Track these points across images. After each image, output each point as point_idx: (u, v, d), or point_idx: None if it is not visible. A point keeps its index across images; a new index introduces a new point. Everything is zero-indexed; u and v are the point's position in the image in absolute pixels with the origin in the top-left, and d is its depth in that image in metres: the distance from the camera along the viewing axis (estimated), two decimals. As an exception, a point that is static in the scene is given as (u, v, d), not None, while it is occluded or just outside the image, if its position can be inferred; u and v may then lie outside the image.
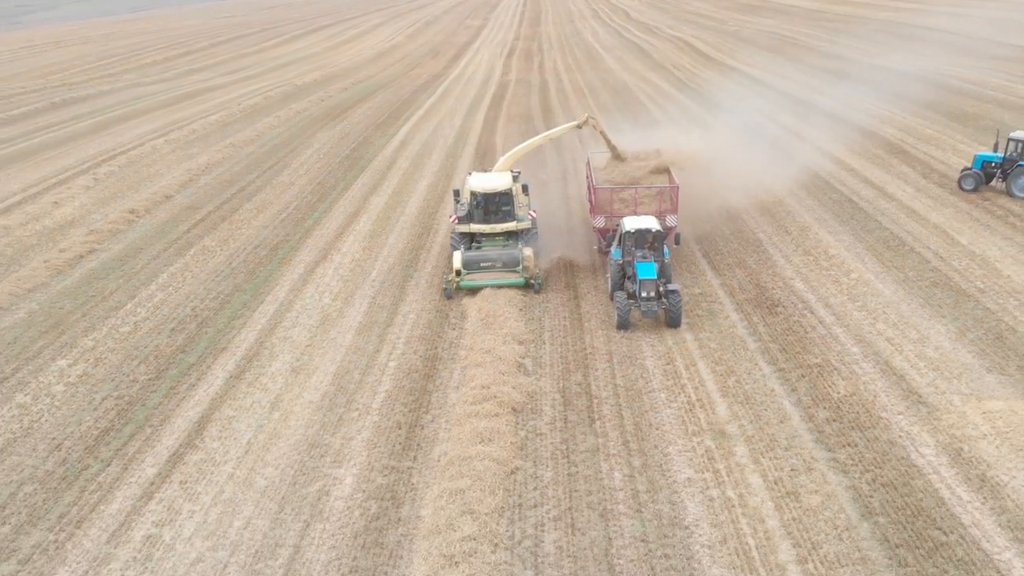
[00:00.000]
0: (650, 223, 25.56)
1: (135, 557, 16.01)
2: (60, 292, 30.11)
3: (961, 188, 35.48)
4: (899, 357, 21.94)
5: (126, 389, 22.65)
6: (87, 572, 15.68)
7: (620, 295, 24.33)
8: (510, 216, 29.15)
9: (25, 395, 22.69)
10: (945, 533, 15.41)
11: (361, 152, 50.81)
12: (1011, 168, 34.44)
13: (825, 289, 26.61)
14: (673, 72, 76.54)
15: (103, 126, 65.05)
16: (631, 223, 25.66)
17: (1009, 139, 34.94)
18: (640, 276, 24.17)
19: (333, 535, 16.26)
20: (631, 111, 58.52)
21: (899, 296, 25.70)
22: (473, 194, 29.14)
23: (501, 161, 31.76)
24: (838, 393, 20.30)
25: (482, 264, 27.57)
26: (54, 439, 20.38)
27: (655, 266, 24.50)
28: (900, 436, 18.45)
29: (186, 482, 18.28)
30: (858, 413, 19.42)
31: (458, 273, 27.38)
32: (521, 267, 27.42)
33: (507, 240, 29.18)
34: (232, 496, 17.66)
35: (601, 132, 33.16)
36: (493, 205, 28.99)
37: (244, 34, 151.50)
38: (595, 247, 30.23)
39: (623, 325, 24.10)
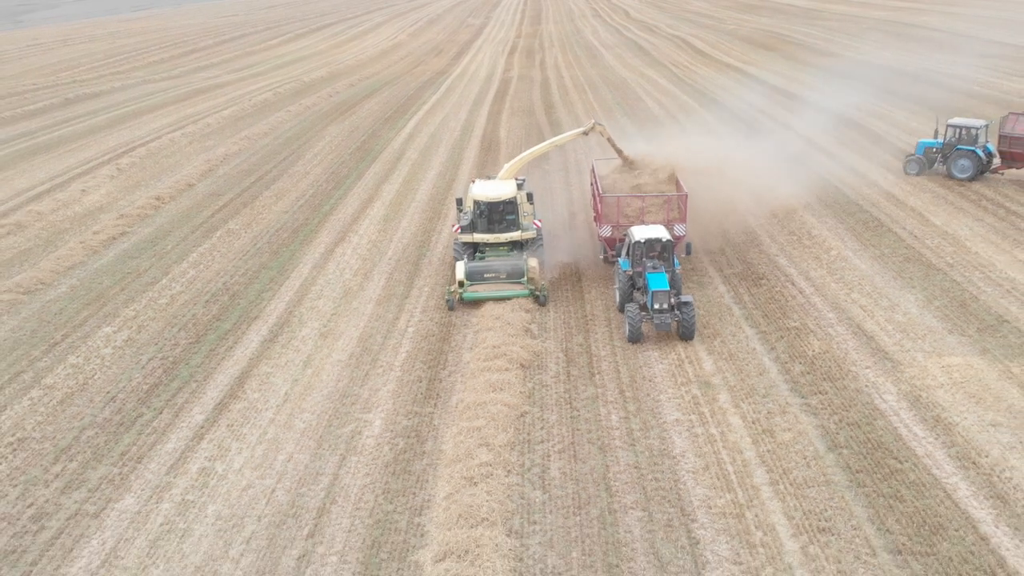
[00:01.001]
0: (660, 232, 24.85)
1: (192, 484, 18.32)
2: (97, 270, 32.39)
3: (906, 172, 38.40)
4: (870, 321, 24.27)
5: (169, 351, 24.96)
6: (151, 497, 17.98)
7: (631, 307, 23.62)
8: (514, 225, 28.42)
9: (77, 357, 24.99)
10: (900, 462, 17.72)
11: (371, 144, 53.08)
12: (950, 152, 37.37)
13: (806, 264, 28.93)
14: (671, 69, 78.82)
15: (119, 120, 67.27)
16: (640, 233, 24.94)
17: (948, 125, 37.88)
18: (652, 288, 23.42)
19: (367, 465, 18.58)
20: (630, 106, 60.85)
21: (874, 270, 28.02)
22: (476, 203, 28.41)
23: (505, 168, 30.90)
24: (813, 351, 22.62)
25: (486, 275, 26.88)
26: (108, 392, 22.69)
27: (667, 277, 23.85)
28: (866, 385, 20.78)
29: (232, 425, 20.60)
30: (830, 367, 21.75)
31: (461, 284, 26.70)
32: (526, 278, 26.70)
33: (511, 250, 28.43)
34: (275, 436, 19.98)
35: (608, 139, 32.34)
36: (497, 214, 28.30)
37: (248, 33, 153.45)
38: (601, 257, 29.30)
39: (635, 338, 23.41)
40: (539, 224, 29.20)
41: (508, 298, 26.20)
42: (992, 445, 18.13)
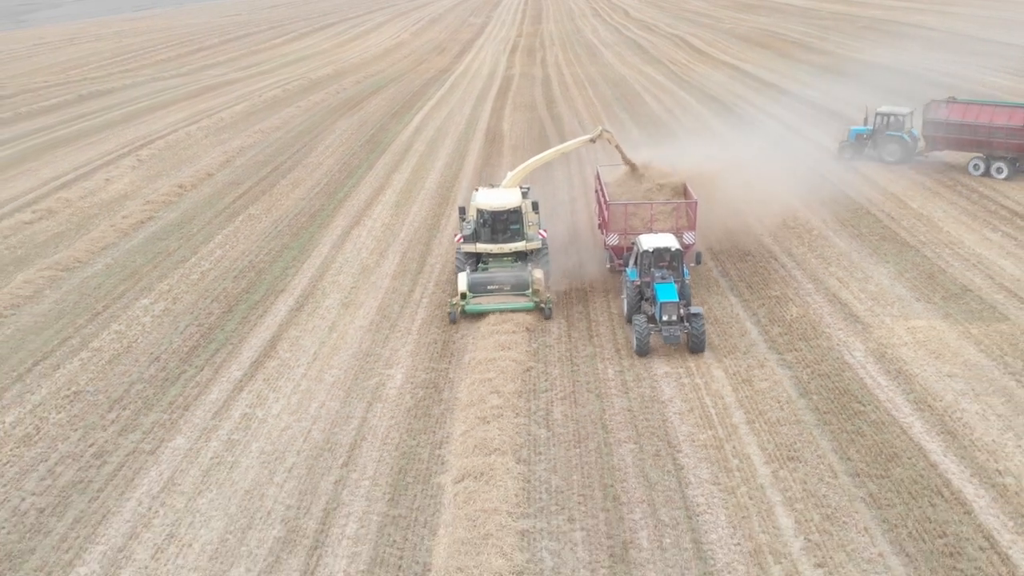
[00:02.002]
0: (669, 241, 24.23)
1: (236, 427, 20.64)
2: (129, 250, 34.69)
3: (843, 157, 41.43)
4: (845, 291, 26.60)
5: (204, 319, 27.27)
6: (200, 437, 20.29)
7: (639, 319, 22.87)
8: (519, 235, 27.55)
9: (119, 324, 27.30)
10: (863, 405, 20.06)
11: (380, 137, 55.37)
12: (880, 137, 40.50)
13: (789, 243, 31.25)
14: (668, 66, 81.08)
15: (134, 115, 69.52)
16: (648, 241, 24.27)
17: (877, 113, 40.98)
18: (660, 299, 22.71)
19: (391, 410, 20.92)
20: (628, 102, 63.11)
21: (852, 247, 30.35)
22: (479, 212, 27.57)
23: (510, 176, 30.00)
24: (791, 315, 24.96)
25: (489, 287, 26.08)
26: (152, 353, 25.00)
27: (676, 287, 23.21)
28: (837, 344, 23.12)
29: (268, 379, 22.92)
30: (805, 329, 24.09)
31: (463, 296, 25.82)
32: (531, 290, 25.85)
33: (515, 261, 27.60)
34: (308, 388, 22.31)
35: (616, 146, 31.05)
36: (501, 224, 27.44)
37: (252, 32, 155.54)
38: (608, 266, 28.66)
39: (643, 351, 22.65)
40: (544, 234, 28.33)
41: (512, 311, 25.57)
42: (947, 392, 20.45)
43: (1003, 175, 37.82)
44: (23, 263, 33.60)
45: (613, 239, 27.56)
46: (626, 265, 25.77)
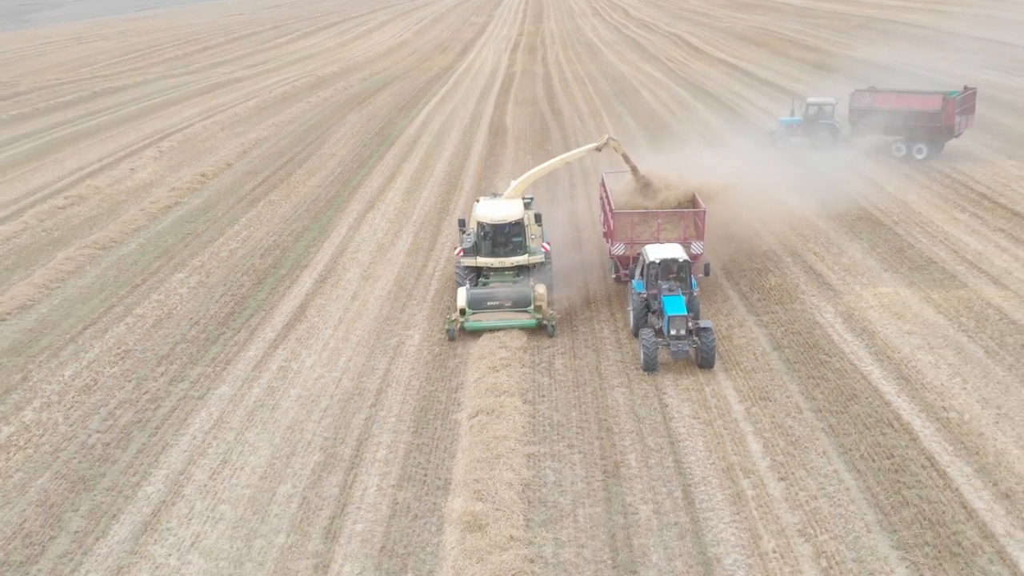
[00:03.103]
0: (676, 252, 23.56)
1: (274, 376, 23.25)
2: (160, 231, 37.29)
3: (774, 145, 44.43)
4: (820, 263, 29.20)
5: (237, 290, 29.87)
6: (242, 385, 22.89)
7: (646, 332, 22.20)
8: (521, 249, 26.61)
9: (158, 295, 29.90)
10: (829, 356, 22.67)
11: (388, 130, 57.95)
12: (811, 126, 43.80)
13: (773, 223, 33.77)
14: (666, 63, 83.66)
15: (149, 111, 72.09)
16: (655, 252, 23.62)
17: (807, 103, 44.34)
18: (668, 312, 21.98)
19: (411, 363, 23.55)
20: (627, 97, 65.69)
21: (830, 226, 32.93)
22: (480, 224, 26.61)
23: (513, 187, 29.10)
24: (769, 284, 27.56)
25: (489, 303, 24.99)
26: (191, 319, 27.61)
27: (684, 300, 22.57)
28: (810, 307, 25.73)
29: (300, 339, 25.53)
30: (782, 295, 26.69)
31: (462, 312, 24.81)
32: (533, 307, 24.79)
33: (517, 275, 26.67)
34: (335, 346, 24.91)
35: (623, 155, 29.82)
36: (502, 236, 26.52)
37: (256, 31, 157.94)
38: (612, 276, 28.33)
39: (650, 366, 22.04)
40: (548, 247, 27.46)
41: (513, 328, 24.50)
42: (905, 346, 23.05)
43: (923, 155, 41.50)
44: (61, 243, 36.19)
45: (619, 249, 26.82)
46: (631, 276, 25.08)
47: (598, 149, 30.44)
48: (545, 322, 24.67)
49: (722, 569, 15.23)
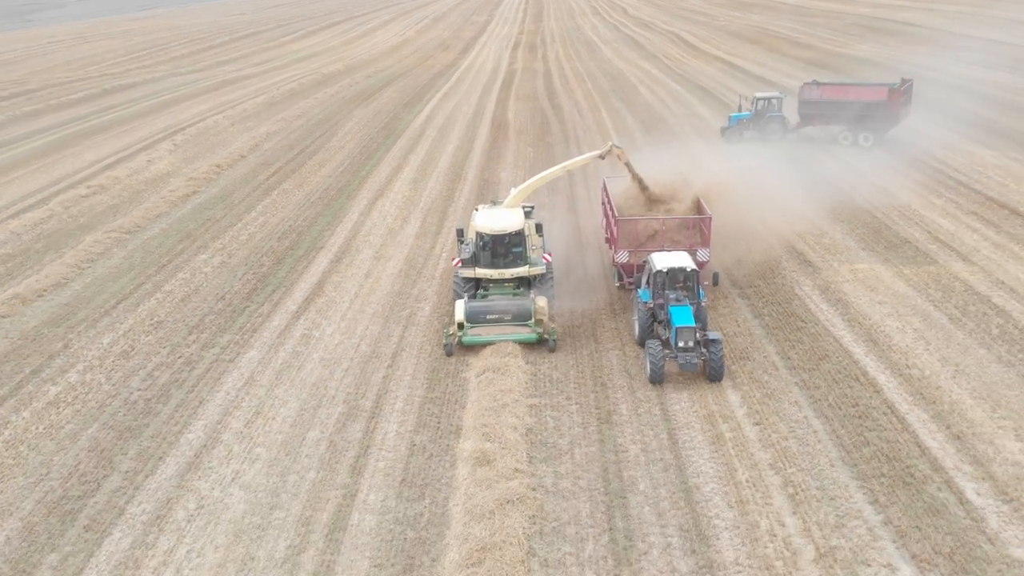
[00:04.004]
0: (684, 261, 22.97)
1: (298, 342, 25.37)
2: (181, 217, 39.40)
3: (727, 140, 46.57)
4: (802, 243, 31.31)
5: (258, 269, 31.97)
6: (270, 350, 25.00)
7: (653, 344, 21.62)
8: (522, 260, 25.76)
9: (183, 273, 32.00)
10: (805, 322, 24.77)
11: (394, 125, 60.05)
12: (761, 120, 46.09)
13: (761, 210, 35.73)
14: (663, 60, 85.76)
15: (161, 107, 74.20)
16: (661, 261, 23.00)
17: (756, 99, 46.84)
18: (676, 324, 21.51)
19: (423, 331, 25.67)
20: (624, 93, 67.76)
21: (813, 210, 34.96)
22: (479, 234, 25.69)
23: (513, 195, 28.29)
24: (753, 261, 29.61)
25: (488, 317, 24.15)
26: (217, 294, 29.71)
27: (692, 310, 22.05)
28: (790, 282, 27.82)
29: (319, 311, 27.64)
30: (764, 271, 28.79)
31: (460, 327, 24.00)
32: (534, 320, 23.95)
33: (517, 288, 25.91)
34: (353, 316, 27.02)
35: (626, 163, 28.78)
36: (502, 247, 25.65)
37: (259, 30, 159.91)
38: (617, 284, 27.65)
39: (657, 379, 21.45)
40: (549, 258, 26.43)
41: (513, 342, 23.71)
42: (876, 314, 25.16)
43: (869, 143, 44.27)
44: (88, 228, 38.29)
45: (623, 256, 26.26)
46: (637, 284, 24.50)
47: (601, 157, 29.10)
48: (546, 336, 23.89)
49: (701, 496, 17.33)
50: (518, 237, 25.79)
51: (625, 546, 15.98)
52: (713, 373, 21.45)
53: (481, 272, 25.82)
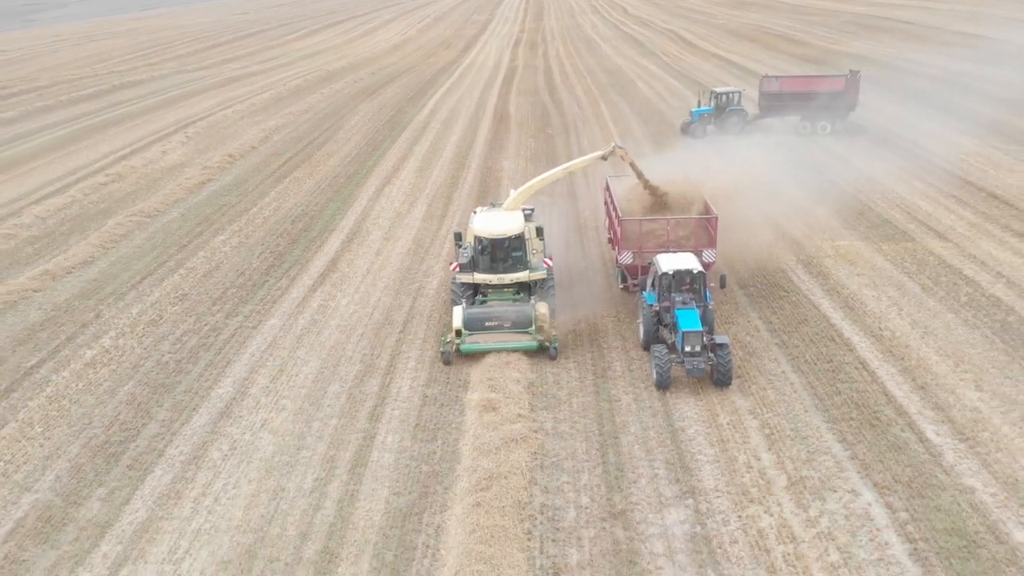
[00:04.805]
0: (690, 263, 22.44)
1: (316, 312, 27.23)
2: (198, 203, 41.25)
3: (692, 135, 48.35)
4: (788, 223, 33.12)
5: (274, 248, 33.82)
6: (290, 317, 26.87)
7: (659, 349, 21.10)
8: (522, 264, 25.09)
9: (204, 252, 33.85)
10: (786, 291, 26.63)
11: (399, 118, 61.91)
12: (721, 114, 48.23)
13: (750, 195, 37.54)
14: (661, 57, 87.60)
15: (171, 101, 76.05)
16: (667, 263, 22.46)
17: (716, 93, 48.91)
18: (683, 328, 20.95)
19: (431, 301, 27.53)
20: (623, 87, 69.60)
21: (800, 194, 36.73)
22: (478, 238, 25.05)
23: (513, 197, 27.32)
24: (741, 240, 31.36)
25: (487, 323, 23.38)
26: (237, 270, 31.56)
27: (698, 314, 21.54)
28: (775, 257, 29.68)
29: (334, 284, 29.50)
30: (750, 247, 30.53)
31: (458, 334, 23.18)
32: (534, 327, 23.19)
33: (517, 293, 25.24)
34: (366, 289, 28.88)
35: (631, 164, 28.04)
36: (502, 252, 25.00)
37: (262, 29, 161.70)
38: (621, 286, 27.27)
39: (663, 384, 20.92)
40: (550, 263, 25.68)
41: (512, 351, 22.98)
42: (853, 284, 27.01)
43: (827, 131, 47.06)
44: (109, 213, 40.13)
45: (627, 258, 25.72)
46: (642, 287, 24.14)
47: (604, 158, 27.96)
48: (547, 344, 23.12)
49: (685, 436, 19.19)
50: (518, 241, 25.13)
51: (616, 476, 17.84)
52: (721, 378, 20.87)
53: (480, 277, 25.09)
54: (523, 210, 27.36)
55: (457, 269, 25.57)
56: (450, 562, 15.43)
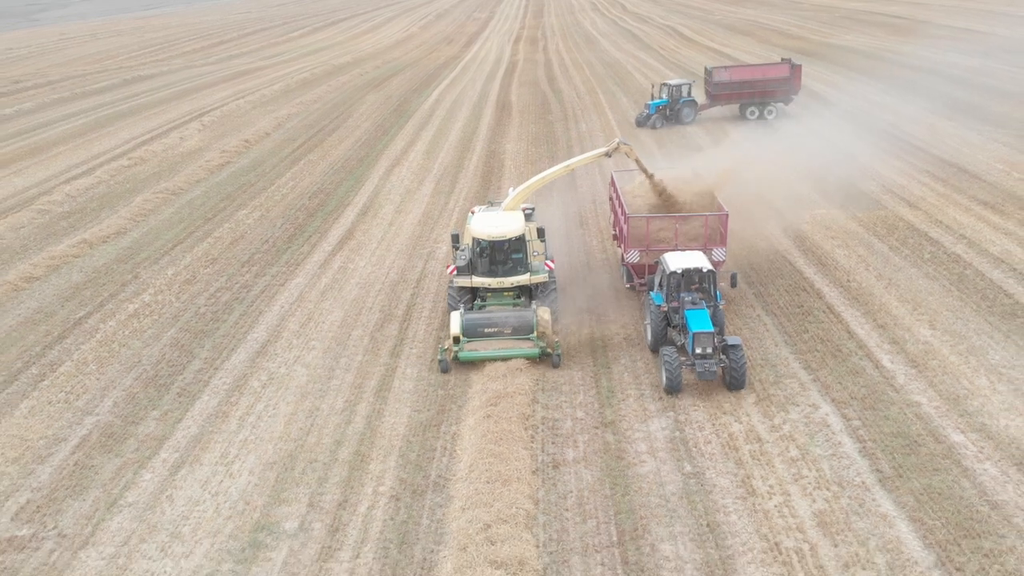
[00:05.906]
0: (699, 261, 21.84)
1: (336, 271, 29.86)
2: (219, 182, 43.86)
3: (654, 127, 50.78)
4: (771, 194, 35.62)
5: (294, 220, 36.43)
6: (313, 276, 29.47)
7: (669, 351, 20.32)
8: (522, 267, 24.13)
9: (229, 224, 36.45)
10: (766, 252, 29.18)
11: (405, 107, 64.50)
12: (676, 106, 50.97)
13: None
14: (659, 51, 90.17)
15: (183, 94, 78.63)
16: (676, 261, 21.82)
17: (668, 86, 51.47)
18: (693, 329, 20.21)
19: (441, 263, 30.13)
20: (620, 78, 72.18)
21: (786, 172, 39.30)
22: (476, 240, 23.95)
23: (513, 196, 26.40)
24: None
25: (486, 330, 22.39)
26: (261, 239, 34.17)
27: (709, 314, 20.85)
28: (757, 224, 32.11)
29: (352, 250, 32.12)
30: (734, 216, 33.13)
31: (456, 341, 22.20)
32: (535, 334, 22.29)
33: (518, 297, 24.26)
34: (381, 254, 31.50)
35: (636, 160, 27.40)
36: (501, 254, 23.97)
37: (267, 27, 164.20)
38: (627, 285, 26.48)
39: (673, 388, 20.09)
40: (552, 265, 24.73)
41: (513, 358, 21.88)
42: (827, 245, 29.61)
43: (772, 116, 50.42)
44: (135, 191, 42.74)
45: (634, 256, 24.89)
46: (649, 286, 23.21)
47: (607, 155, 27.21)
48: (549, 351, 22.18)
49: (671, 365, 21.75)
50: (518, 243, 24.06)
51: (607, 396, 20.46)
52: (734, 382, 20.07)
53: (478, 281, 23.99)
54: (523, 209, 26.38)
55: (454, 272, 24.29)
56: (465, 459, 18.03)
